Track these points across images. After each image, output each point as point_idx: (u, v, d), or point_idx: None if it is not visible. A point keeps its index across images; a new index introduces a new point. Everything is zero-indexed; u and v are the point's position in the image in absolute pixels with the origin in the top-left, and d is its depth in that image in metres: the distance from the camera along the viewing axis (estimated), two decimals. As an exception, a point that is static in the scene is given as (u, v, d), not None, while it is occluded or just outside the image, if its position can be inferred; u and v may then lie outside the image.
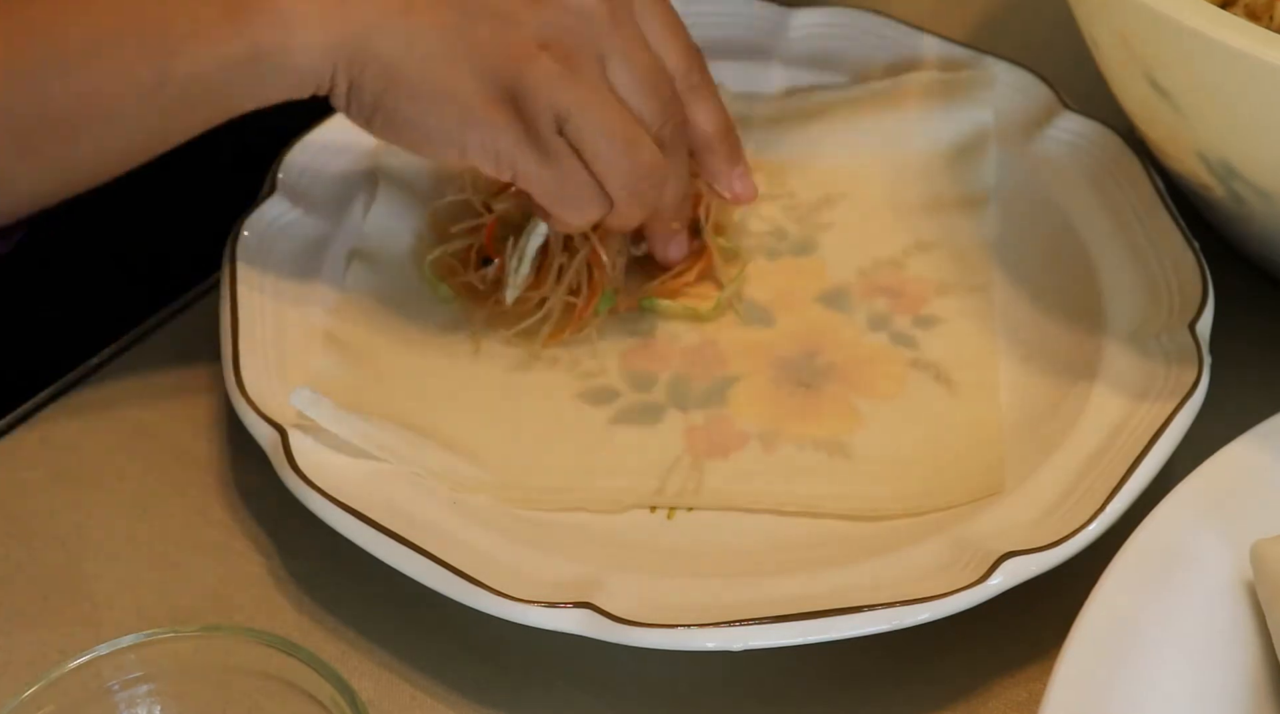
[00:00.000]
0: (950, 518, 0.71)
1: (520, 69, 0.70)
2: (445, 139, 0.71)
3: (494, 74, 0.70)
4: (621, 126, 0.72)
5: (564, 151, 0.72)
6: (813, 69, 0.88)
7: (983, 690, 0.68)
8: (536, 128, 0.71)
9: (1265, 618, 0.63)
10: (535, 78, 0.70)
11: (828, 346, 0.78)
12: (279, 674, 0.60)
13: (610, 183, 0.73)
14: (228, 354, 0.74)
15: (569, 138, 0.72)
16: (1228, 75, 0.68)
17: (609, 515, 0.72)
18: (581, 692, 0.68)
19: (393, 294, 0.79)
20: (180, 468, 0.75)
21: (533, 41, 0.71)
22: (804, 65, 0.88)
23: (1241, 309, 0.79)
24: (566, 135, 0.72)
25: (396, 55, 0.70)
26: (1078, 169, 0.82)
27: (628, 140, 0.72)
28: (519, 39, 0.70)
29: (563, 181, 0.73)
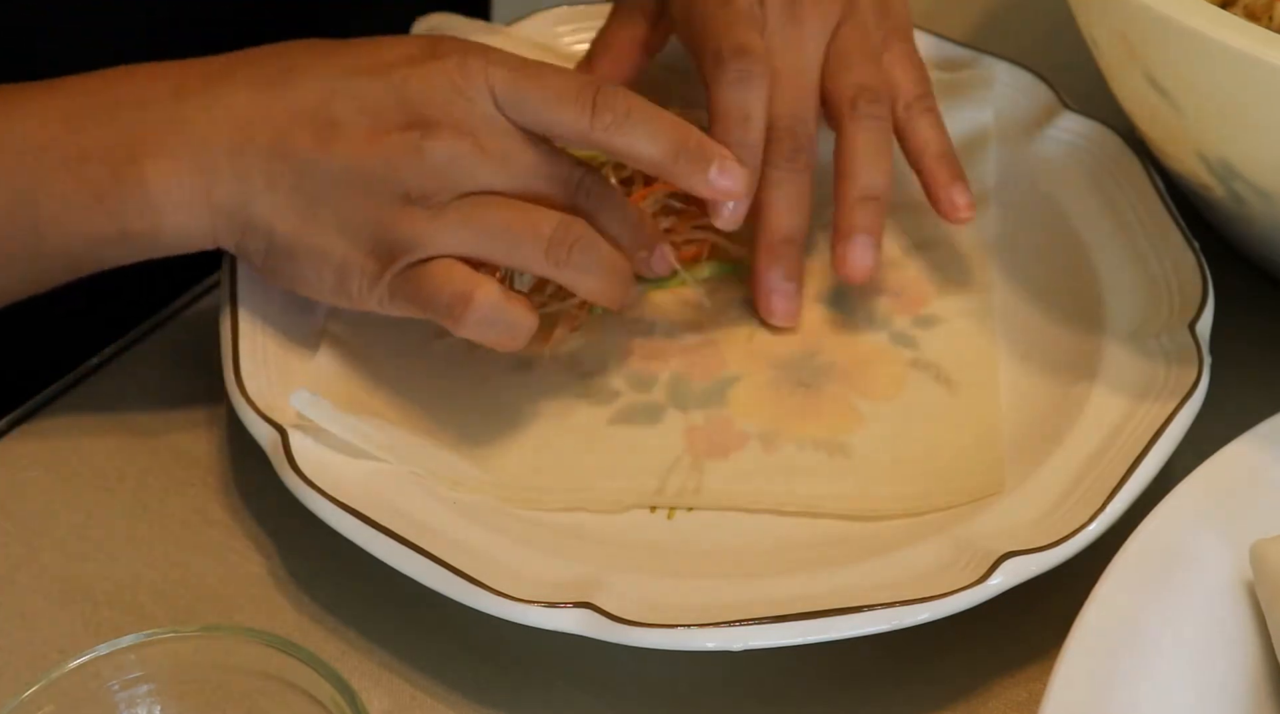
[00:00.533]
0: (950, 518, 0.71)
1: (385, 221, 0.71)
2: (330, 293, 0.72)
3: (359, 229, 0.71)
4: (507, 214, 0.71)
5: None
6: (813, 69, 0.88)
7: (983, 690, 0.68)
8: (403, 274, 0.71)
9: (1265, 618, 0.63)
10: (400, 228, 0.70)
11: (828, 346, 0.78)
12: (279, 674, 0.60)
13: (531, 268, 0.72)
14: (228, 354, 0.74)
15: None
16: (1228, 75, 0.68)
17: (609, 515, 0.72)
18: (581, 692, 0.68)
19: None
20: (180, 468, 0.75)
21: (395, 200, 0.71)
22: (804, 65, 0.88)
23: (1241, 309, 0.79)
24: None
25: (267, 224, 0.71)
26: (1078, 169, 0.82)
27: (521, 226, 0.71)
28: (381, 200, 0.71)
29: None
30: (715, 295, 0.80)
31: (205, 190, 0.71)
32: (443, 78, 0.71)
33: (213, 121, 0.71)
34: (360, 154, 0.71)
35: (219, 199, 0.71)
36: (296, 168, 0.71)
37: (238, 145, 0.71)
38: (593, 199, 0.74)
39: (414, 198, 0.70)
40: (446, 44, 0.73)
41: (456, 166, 0.71)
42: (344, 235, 0.71)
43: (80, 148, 0.70)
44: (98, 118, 0.71)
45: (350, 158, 0.71)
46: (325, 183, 0.71)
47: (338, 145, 0.71)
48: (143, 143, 0.70)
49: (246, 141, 0.71)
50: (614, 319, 0.79)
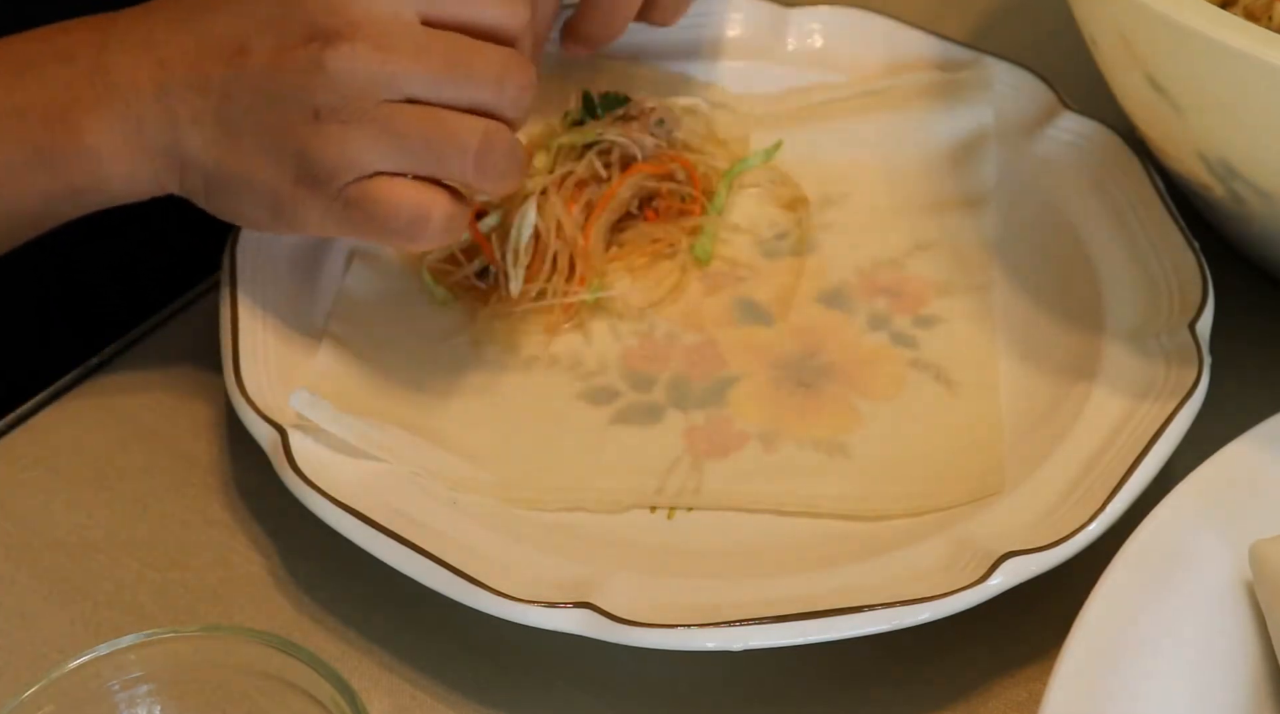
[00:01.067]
0: (950, 518, 0.71)
1: (301, 142, 0.70)
2: (269, 222, 0.72)
3: (280, 152, 0.70)
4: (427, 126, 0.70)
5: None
6: (813, 69, 0.88)
7: (983, 690, 0.68)
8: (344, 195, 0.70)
9: (1265, 618, 0.63)
10: (318, 147, 0.69)
11: (828, 346, 0.78)
12: (279, 674, 0.60)
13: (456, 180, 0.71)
14: (228, 354, 0.74)
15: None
16: (1228, 75, 0.68)
17: (609, 515, 0.72)
18: (581, 692, 0.68)
19: (392, 294, 0.79)
20: (180, 468, 0.75)
21: (308, 118, 0.69)
22: (804, 65, 0.88)
23: (1241, 309, 0.79)
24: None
25: (197, 159, 0.71)
26: (1078, 169, 0.82)
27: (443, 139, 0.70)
28: (294, 121, 0.69)
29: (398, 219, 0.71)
30: (715, 295, 0.80)
31: (137, 135, 0.71)
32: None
33: (135, 64, 0.71)
34: (266, 75, 0.70)
35: (151, 141, 0.71)
36: (213, 98, 0.70)
37: (160, 85, 0.70)
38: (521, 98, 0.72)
39: (325, 114, 0.69)
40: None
41: (361, 74, 0.69)
42: (268, 161, 0.70)
43: (16, 106, 0.71)
44: (30, 75, 0.71)
45: (258, 80, 0.70)
46: (240, 109, 0.70)
47: (245, 69, 0.70)
48: (74, 97, 0.71)
49: (167, 79, 0.70)
50: (614, 318, 0.79)
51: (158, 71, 0.71)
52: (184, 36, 0.71)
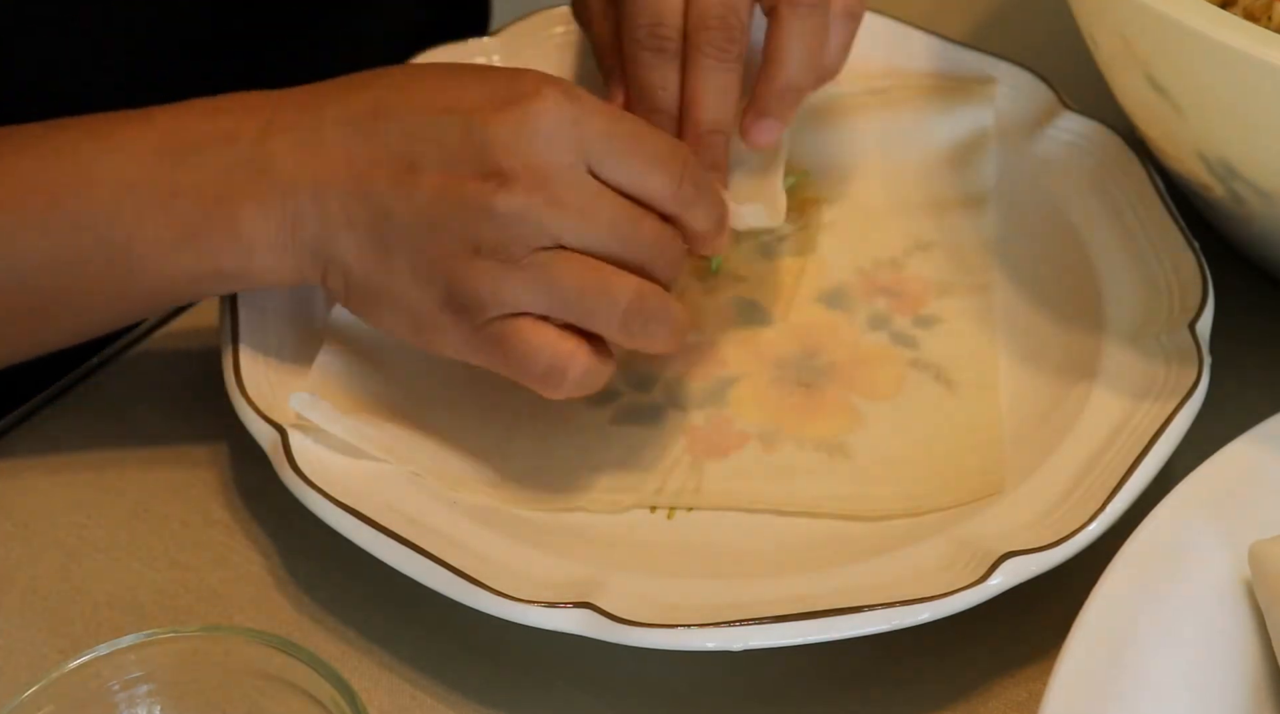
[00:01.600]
0: (950, 518, 0.71)
1: (457, 272, 0.69)
2: (409, 336, 0.72)
3: (431, 278, 0.70)
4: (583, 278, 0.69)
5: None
6: (813, 69, 0.88)
7: (983, 690, 0.68)
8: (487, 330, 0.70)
9: (1264, 618, 0.63)
10: (472, 280, 0.69)
11: (828, 346, 0.78)
12: (279, 674, 0.60)
13: (603, 333, 0.70)
14: (228, 354, 0.74)
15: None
16: (1228, 75, 0.68)
17: (609, 515, 0.72)
18: (581, 692, 0.68)
19: (393, 294, 0.79)
20: (180, 468, 0.75)
21: (467, 251, 0.69)
22: (804, 65, 0.88)
23: (1241, 309, 0.79)
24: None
25: (345, 264, 0.71)
26: (1078, 169, 0.82)
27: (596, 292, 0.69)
28: (453, 251, 0.69)
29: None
30: (715, 295, 0.80)
31: (291, 230, 0.70)
32: (529, 125, 0.69)
33: (299, 162, 0.70)
34: (433, 201, 0.69)
35: (303, 238, 0.70)
36: (373, 210, 0.70)
37: (322, 184, 0.70)
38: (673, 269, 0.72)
39: (485, 251, 0.69)
40: (534, 81, 0.70)
41: (529, 221, 0.68)
42: (417, 282, 0.70)
43: (171, 185, 0.70)
44: (187, 155, 0.70)
45: (424, 204, 0.69)
46: (399, 228, 0.70)
47: (413, 190, 0.69)
48: (232, 183, 0.70)
49: (330, 181, 0.70)
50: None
51: (323, 172, 0.70)
52: (352, 141, 0.70)
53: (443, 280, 0.69)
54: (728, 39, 0.77)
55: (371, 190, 0.70)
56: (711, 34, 0.77)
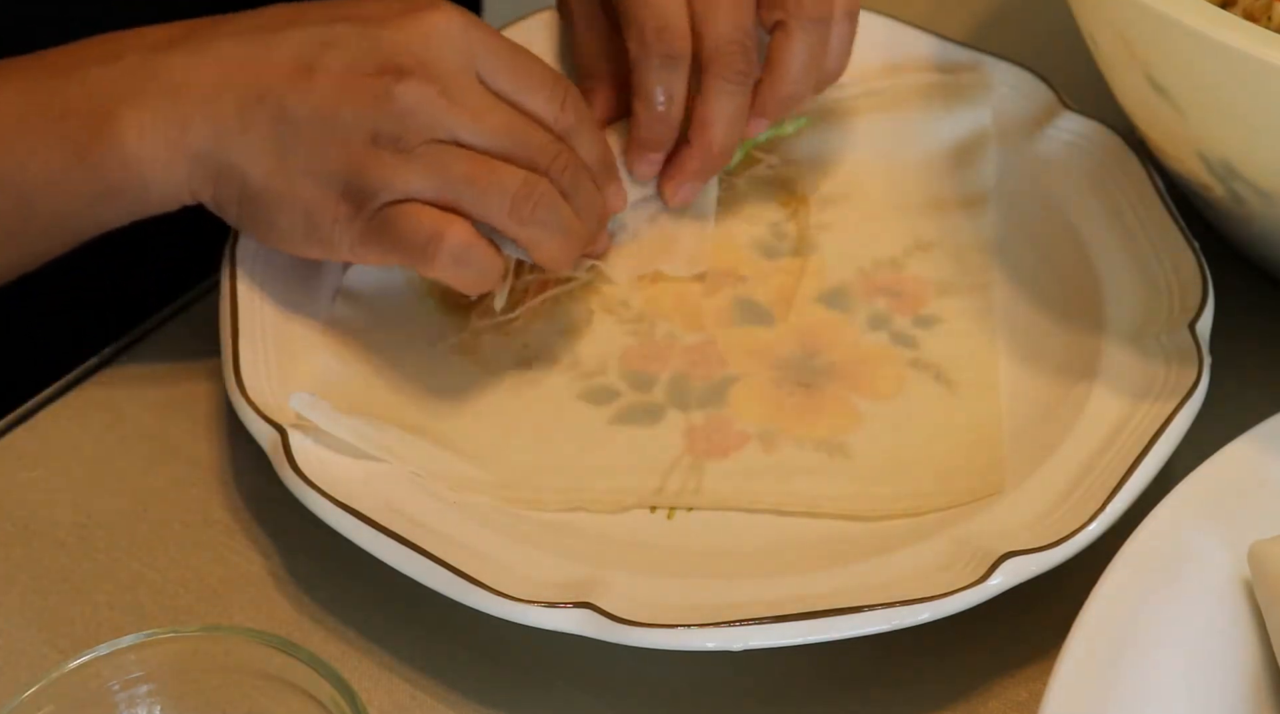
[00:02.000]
0: (950, 518, 0.71)
1: (354, 163, 0.71)
2: (302, 240, 0.73)
3: (329, 172, 0.72)
4: (474, 166, 0.72)
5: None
6: (813, 69, 0.88)
7: (983, 690, 0.68)
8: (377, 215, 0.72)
9: (1264, 619, 0.63)
10: (368, 169, 0.71)
11: (828, 346, 0.78)
12: (279, 674, 0.60)
13: (493, 221, 0.72)
14: (228, 354, 0.74)
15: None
16: (1228, 75, 0.68)
17: (609, 515, 0.72)
18: (581, 692, 0.68)
19: (392, 294, 0.79)
20: (180, 468, 0.75)
21: (365, 142, 0.71)
22: (804, 65, 0.88)
23: (1241, 309, 0.79)
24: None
25: (240, 168, 0.72)
26: (1078, 169, 0.82)
27: (487, 179, 0.71)
28: (351, 143, 0.71)
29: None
30: (715, 295, 0.80)
31: (180, 139, 0.71)
32: (422, 29, 0.72)
33: (189, 69, 0.71)
34: (332, 97, 0.71)
35: (193, 146, 0.71)
36: (271, 111, 0.71)
37: (214, 91, 0.71)
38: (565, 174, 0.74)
39: (382, 141, 0.71)
40: (426, 2, 0.73)
41: (424, 112, 0.71)
42: (315, 178, 0.72)
43: (61, 107, 0.71)
44: (75, 75, 0.71)
45: (322, 101, 0.71)
46: (297, 126, 0.71)
47: (312, 89, 0.71)
48: (117, 96, 0.71)
49: (224, 87, 0.71)
50: (614, 319, 0.79)
51: (213, 77, 0.71)
52: (246, 50, 0.72)
53: (339, 173, 0.71)
54: (746, 63, 0.78)
55: (268, 91, 0.71)
56: (729, 58, 0.78)
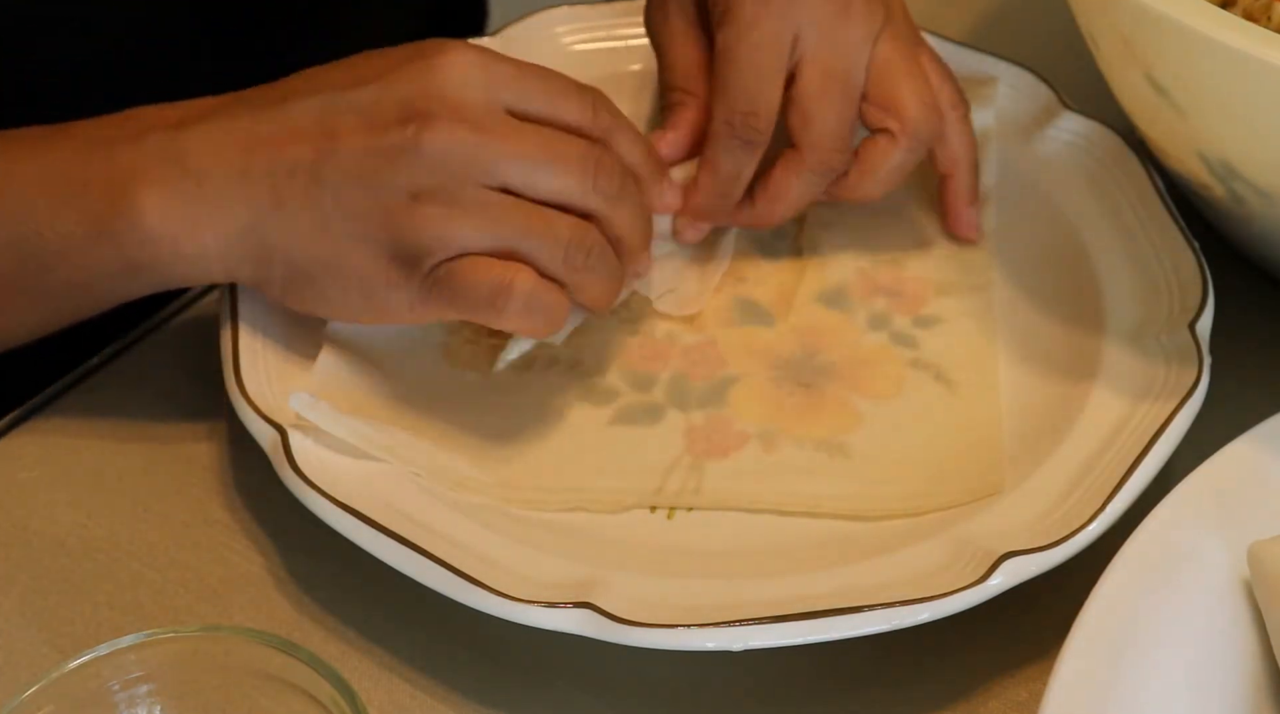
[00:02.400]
0: (950, 518, 0.71)
1: (397, 224, 0.69)
2: (360, 309, 0.72)
3: (374, 237, 0.70)
4: (526, 217, 0.70)
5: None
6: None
7: (983, 690, 0.68)
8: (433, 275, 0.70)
9: (1264, 618, 0.63)
10: (414, 228, 0.69)
11: (828, 346, 0.78)
12: (279, 674, 0.60)
13: (545, 269, 0.71)
14: (228, 354, 0.74)
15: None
16: (1228, 75, 0.68)
17: (609, 515, 0.72)
18: (581, 692, 0.68)
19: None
20: (180, 468, 0.75)
21: (407, 200, 0.69)
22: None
23: (1241, 309, 0.79)
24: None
25: (282, 247, 0.70)
26: (1078, 169, 0.82)
27: (540, 228, 0.70)
28: (392, 203, 0.69)
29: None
30: (715, 295, 0.80)
31: (208, 219, 0.70)
32: (439, 72, 0.70)
33: (213, 149, 0.70)
34: (360, 157, 0.70)
35: (226, 227, 0.70)
36: (304, 182, 0.70)
37: (240, 169, 0.70)
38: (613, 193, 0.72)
39: (423, 195, 0.69)
40: (436, 43, 0.72)
41: (459, 153, 0.69)
42: (361, 245, 0.70)
43: (82, 179, 0.70)
44: (99, 152, 0.70)
45: (351, 163, 0.70)
46: (335, 193, 0.70)
47: (340, 153, 0.70)
48: (139, 172, 0.70)
49: (249, 165, 0.70)
50: (614, 319, 0.79)
51: (239, 156, 0.70)
52: (267, 125, 0.70)
53: (386, 235, 0.69)
54: (842, 164, 0.78)
55: (296, 162, 0.70)
56: (828, 155, 0.78)
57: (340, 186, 0.70)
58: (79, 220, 0.70)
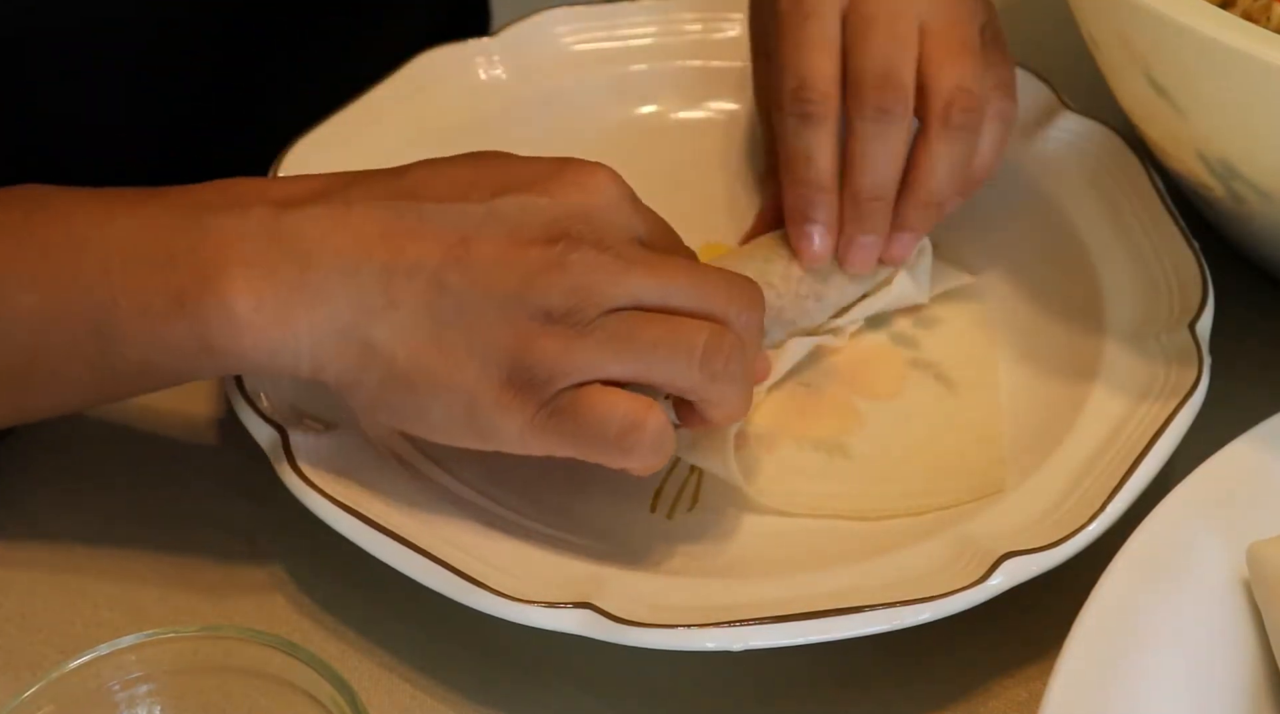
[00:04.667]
0: (950, 518, 0.71)
1: (525, 345, 0.64)
2: (460, 428, 0.66)
3: (495, 354, 0.64)
4: (658, 328, 0.65)
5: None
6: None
7: (983, 690, 0.68)
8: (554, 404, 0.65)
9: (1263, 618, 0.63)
10: (543, 350, 0.64)
11: (828, 346, 0.78)
12: (279, 674, 0.60)
13: (681, 382, 0.66)
14: (228, 354, 0.73)
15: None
16: (1228, 75, 0.68)
17: (609, 515, 0.72)
18: (581, 692, 0.68)
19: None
20: (180, 468, 0.75)
21: (537, 319, 0.64)
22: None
23: (1241, 309, 0.79)
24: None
25: (386, 348, 0.64)
26: (1078, 169, 0.82)
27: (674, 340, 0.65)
28: (520, 320, 0.64)
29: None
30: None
31: (306, 310, 0.64)
32: (588, 194, 0.66)
33: (322, 234, 0.64)
34: (495, 269, 0.64)
35: (324, 322, 0.64)
36: (424, 285, 0.64)
37: (352, 263, 0.64)
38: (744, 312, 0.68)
39: (556, 317, 0.64)
40: (580, 162, 0.68)
41: (603, 280, 0.65)
42: (475, 361, 0.64)
43: (168, 251, 0.64)
44: (191, 220, 0.65)
45: (486, 273, 0.64)
46: (454, 301, 0.64)
47: (473, 261, 0.64)
48: (234, 249, 0.64)
49: (364, 259, 0.64)
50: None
51: (353, 246, 0.64)
52: (387, 218, 0.65)
53: (506, 356, 0.64)
54: (892, 99, 0.74)
55: (420, 264, 0.64)
56: (871, 93, 0.74)
57: (466, 295, 0.64)
58: (158, 292, 0.64)
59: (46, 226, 0.66)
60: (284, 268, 0.64)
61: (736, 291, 0.68)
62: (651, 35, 0.87)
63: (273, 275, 0.64)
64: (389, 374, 0.65)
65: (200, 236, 0.64)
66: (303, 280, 0.64)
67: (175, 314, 0.64)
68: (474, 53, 0.86)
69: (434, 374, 0.65)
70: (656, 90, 0.86)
